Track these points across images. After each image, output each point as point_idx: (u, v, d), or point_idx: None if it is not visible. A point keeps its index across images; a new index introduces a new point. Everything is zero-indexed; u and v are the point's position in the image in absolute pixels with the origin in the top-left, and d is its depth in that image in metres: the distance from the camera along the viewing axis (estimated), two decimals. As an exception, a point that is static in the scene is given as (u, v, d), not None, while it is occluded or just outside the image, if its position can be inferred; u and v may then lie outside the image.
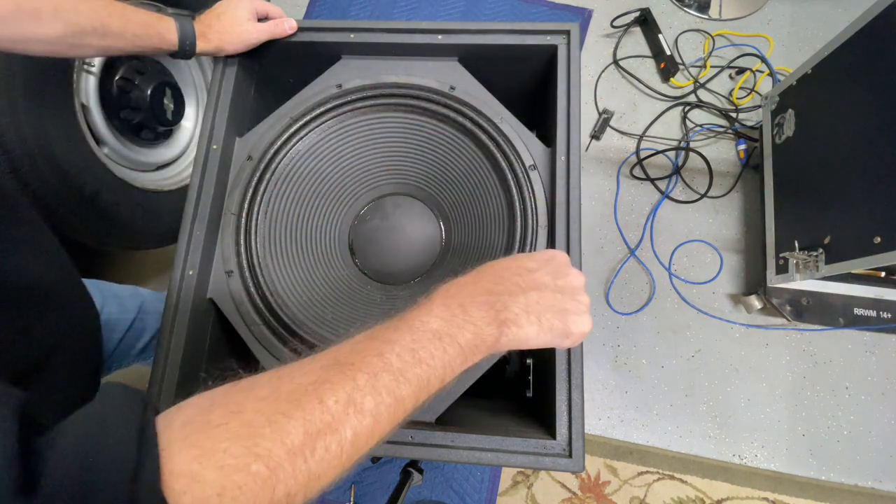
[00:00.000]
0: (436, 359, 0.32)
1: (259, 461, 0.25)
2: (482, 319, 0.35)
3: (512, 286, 0.38)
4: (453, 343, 0.34)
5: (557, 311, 0.38)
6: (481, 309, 0.36)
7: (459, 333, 0.34)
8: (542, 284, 0.39)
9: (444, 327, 0.34)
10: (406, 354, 0.32)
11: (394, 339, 0.33)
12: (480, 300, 0.36)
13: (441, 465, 1.06)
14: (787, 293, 1.05)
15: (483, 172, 0.64)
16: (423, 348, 0.32)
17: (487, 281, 0.38)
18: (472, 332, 0.35)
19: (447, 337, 0.34)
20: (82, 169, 0.85)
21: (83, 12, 0.50)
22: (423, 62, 0.66)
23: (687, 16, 1.38)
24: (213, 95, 0.64)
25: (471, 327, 0.35)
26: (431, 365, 0.32)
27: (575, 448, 0.49)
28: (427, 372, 0.32)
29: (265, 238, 0.62)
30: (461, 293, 0.37)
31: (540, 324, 0.37)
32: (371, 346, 0.32)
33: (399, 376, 0.31)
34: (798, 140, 1.01)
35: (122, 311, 0.70)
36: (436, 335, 0.33)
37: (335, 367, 0.30)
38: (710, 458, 1.04)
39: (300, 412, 0.27)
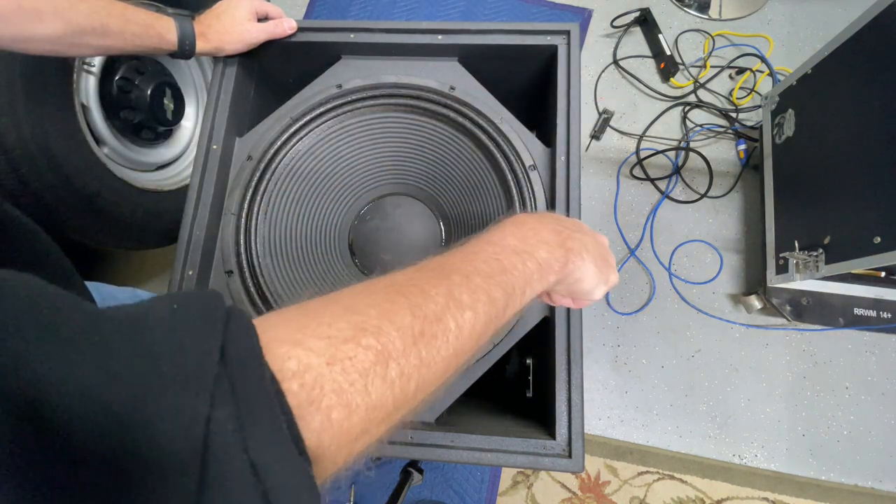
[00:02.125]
0: (518, 269, 0.33)
1: (368, 335, 0.23)
2: (553, 241, 0.37)
3: (570, 226, 0.40)
4: (531, 258, 0.35)
5: (603, 259, 0.41)
6: (551, 234, 0.38)
7: (535, 251, 0.35)
8: (588, 239, 0.41)
9: (521, 245, 0.35)
10: (492, 262, 0.33)
11: (476, 250, 0.34)
12: (550, 228, 0.38)
13: (441, 465, 1.06)
14: (787, 293, 1.05)
15: (483, 172, 0.64)
16: (506, 258, 0.33)
17: (549, 220, 0.40)
18: (547, 251, 0.36)
19: (525, 252, 0.35)
20: (82, 169, 0.85)
21: (83, 12, 0.50)
22: (423, 62, 0.66)
23: (687, 16, 1.38)
24: (213, 95, 0.64)
25: (545, 246, 0.36)
26: (515, 274, 0.33)
27: (575, 448, 0.49)
28: (512, 280, 0.33)
29: (265, 238, 0.62)
30: (528, 220, 0.38)
31: (595, 264, 0.39)
32: (456, 257, 0.33)
33: (489, 279, 0.31)
34: (798, 140, 1.01)
35: None
36: (514, 250, 0.34)
37: (428, 270, 0.31)
38: (710, 458, 1.04)
39: (404, 299, 0.27)
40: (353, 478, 1.06)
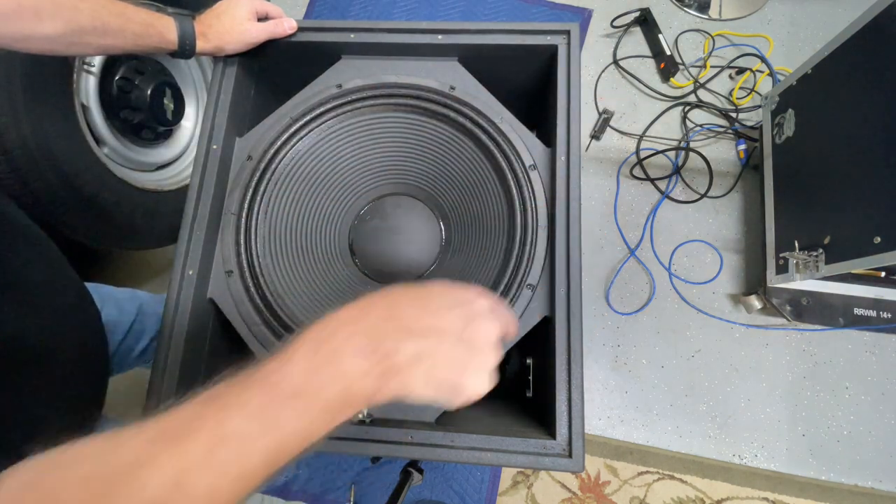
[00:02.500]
0: (292, 421, 0.28)
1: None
2: (357, 370, 0.29)
3: (409, 323, 0.32)
4: (316, 401, 0.28)
5: (454, 366, 0.32)
6: (359, 356, 0.30)
7: (326, 389, 0.29)
8: (446, 329, 0.32)
9: (306, 382, 0.28)
10: (254, 422, 0.27)
11: (243, 400, 0.27)
12: (361, 344, 0.30)
13: (441, 465, 1.06)
14: (787, 293, 1.05)
15: (483, 172, 0.64)
16: (277, 411, 0.27)
17: (379, 313, 0.32)
18: (343, 387, 0.29)
19: (308, 395, 0.28)
20: (82, 169, 0.85)
21: (83, 11, 0.50)
22: (423, 62, 0.66)
23: (687, 16, 1.38)
24: (213, 95, 0.64)
25: (341, 381, 0.29)
26: (287, 430, 0.27)
27: (575, 448, 0.49)
28: (280, 441, 0.27)
29: (265, 238, 0.62)
30: (339, 333, 0.31)
31: (428, 378, 0.31)
32: (212, 414, 0.27)
33: (243, 448, 0.26)
34: (798, 140, 1.01)
35: (120, 314, 0.70)
36: (294, 394, 0.28)
37: (163, 441, 0.25)
38: (710, 458, 1.04)
39: (118, 499, 0.24)
40: (353, 478, 1.06)
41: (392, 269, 0.69)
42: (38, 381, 0.46)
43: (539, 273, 0.57)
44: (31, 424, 0.45)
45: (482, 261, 0.62)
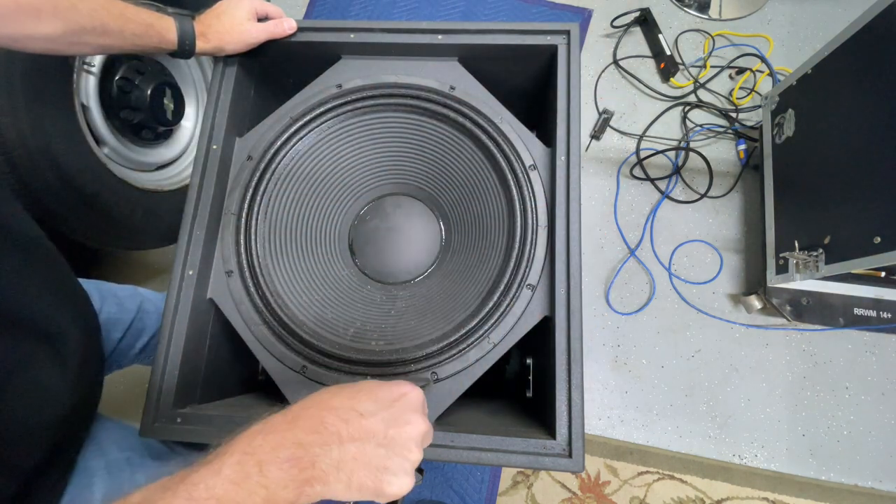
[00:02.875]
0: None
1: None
2: (279, 481, 0.31)
3: (331, 435, 0.34)
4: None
5: (374, 469, 0.34)
6: (282, 468, 0.31)
7: (249, 500, 0.30)
8: (368, 434, 0.34)
9: (231, 494, 0.30)
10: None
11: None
12: (284, 456, 0.32)
13: (441, 465, 1.06)
14: (787, 293, 1.05)
15: (483, 172, 0.64)
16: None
17: (304, 427, 0.34)
18: (263, 498, 0.31)
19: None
20: (82, 169, 0.85)
21: (83, 11, 0.50)
22: (423, 62, 0.66)
23: (687, 16, 1.38)
24: (213, 95, 0.64)
25: (262, 492, 0.31)
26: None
27: (575, 448, 0.49)
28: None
29: (265, 238, 0.62)
30: (264, 445, 0.32)
31: (349, 482, 0.33)
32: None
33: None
34: (798, 140, 1.01)
35: (120, 311, 0.70)
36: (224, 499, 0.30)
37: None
38: (710, 458, 1.04)
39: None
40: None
41: (392, 269, 0.69)
42: (40, 343, 0.46)
43: (539, 273, 0.57)
44: (43, 394, 0.45)
45: (482, 261, 0.62)
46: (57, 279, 0.53)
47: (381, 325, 0.61)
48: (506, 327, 0.55)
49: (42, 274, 0.51)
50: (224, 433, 0.33)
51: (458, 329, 0.55)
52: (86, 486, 0.50)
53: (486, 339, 0.55)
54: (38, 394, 0.45)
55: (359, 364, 0.56)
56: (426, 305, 0.62)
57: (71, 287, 0.56)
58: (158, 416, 0.54)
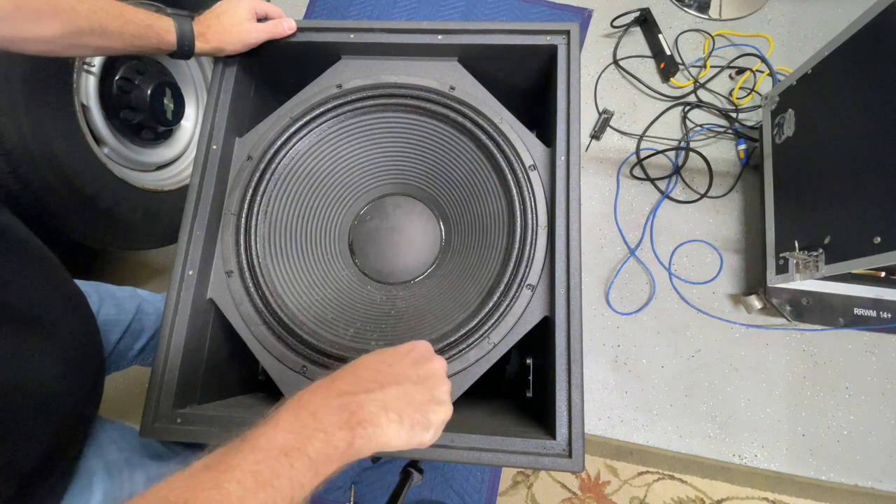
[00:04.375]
0: (282, 477, 0.30)
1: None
2: (334, 425, 0.33)
3: (370, 383, 0.37)
4: (301, 457, 0.31)
5: (419, 404, 0.37)
6: (334, 413, 0.34)
7: (309, 444, 0.32)
8: (402, 377, 0.38)
9: (292, 440, 0.32)
10: (248, 479, 0.29)
11: (234, 463, 0.30)
12: (334, 404, 0.34)
13: (441, 465, 1.06)
14: (787, 293, 1.05)
15: (483, 172, 0.64)
16: (268, 468, 0.30)
17: (343, 382, 0.37)
18: (323, 441, 0.32)
19: (295, 451, 0.31)
20: (82, 169, 0.85)
21: (82, 13, 0.50)
22: (423, 62, 0.66)
23: (687, 16, 1.38)
24: (213, 95, 0.64)
25: (321, 435, 0.32)
26: (277, 486, 0.30)
27: (575, 448, 0.49)
28: (272, 494, 0.30)
29: (265, 238, 0.62)
30: (314, 399, 0.35)
31: (401, 421, 0.36)
32: (207, 479, 0.29)
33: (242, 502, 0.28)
34: (798, 140, 1.01)
35: (119, 312, 0.70)
36: (282, 451, 0.31)
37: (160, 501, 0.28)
38: (710, 458, 1.04)
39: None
40: (353, 478, 1.06)
41: (392, 269, 0.69)
42: (39, 345, 0.46)
43: (539, 273, 0.57)
44: (42, 396, 0.45)
45: (482, 261, 0.62)
46: (53, 281, 0.53)
47: (381, 326, 0.61)
48: (506, 327, 0.55)
49: (38, 276, 0.51)
50: (224, 433, 0.34)
51: (458, 329, 0.55)
52: (85, 487, 0.50)
53: (486, 340, 0.55)
54: (37, 396, 0.45)
55: (359, 364, 0.56)
56: (426, 305, 0.62)
57: (68, 289, 0.56)
58: (158, 416, 0.54)
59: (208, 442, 0.33)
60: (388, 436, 0.35)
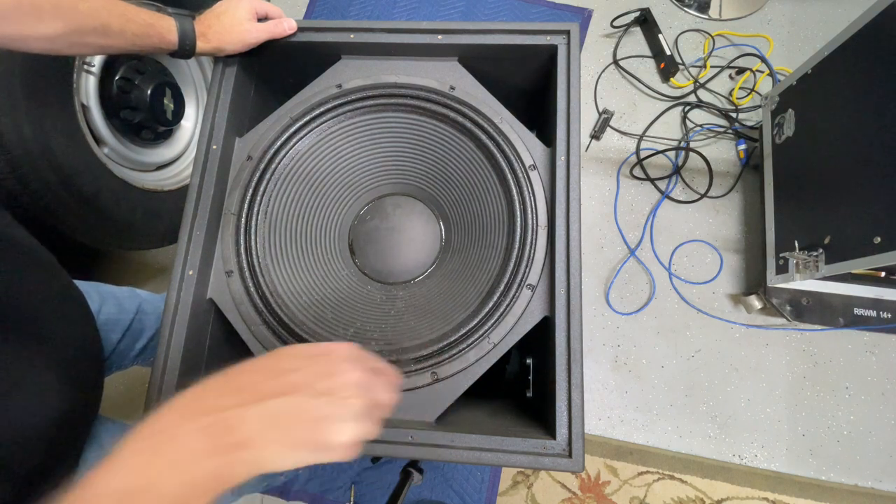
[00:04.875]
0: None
1: None
2: (197, 452, 0.27)
3: (250, 394, 0.30)
4: (154, 498, 0.26)
5: (311, 421, 0.30)
6: (197, 437, 0.27)
7: (164, 480, 0.26)
8: (298, 387, 0.30)
9: (137, 480, 0.26)
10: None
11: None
12: (198, 425, 0.28)
13: (441, 465, 1.06)
14: (787, 293, 1.05)
15: (483, 172, 0.64)
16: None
17: (215, 392, 0.30)
18: (183, 472, 0.26)
19: (141, 493, 0.25)
20: (82, 169, 0.85)
21: (83, 11, 0.50)
22: (423, 62, 0.66)
23: (687, 16, 1.38)
24: (213, 95, 0.64)
25: (182, 466, 0.27)
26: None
27: (575, 448, 0.49)
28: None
29: (265, 238, 0.62)
30: (172, 420, 0.28)
31: (284, 440, 0.29)
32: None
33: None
34: (798, 140, 1.01)
35: (120, 312, 0.70)
36: (124, 495, 0.25)
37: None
38: (710, 458, 1.04)
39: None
40: (353, 478, 1.06)
41: (392, 269, 0.69)
42: (39, 352, 0.46)
43: (539, 273, 0.57)
44: (39, 396, 0.45)
45: (482, 261, 0.62)
46: (54, 286, 0.53)
47: (381, 325, 0.61)
48: (506, 327, 0.55)
49: (39, 281, 0.51)
50: None
51: (457, 329, 0.55)
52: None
53: (486, 340, 0.55)
54: (34, 398, 0.45)
55: (359, 364, 0.56)
56: (426, 305, 0.62)
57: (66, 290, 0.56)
58: (158, 416, 0.54)
59: None
60: (270, 459, 0.29)
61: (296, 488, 1.05)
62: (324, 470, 1.06)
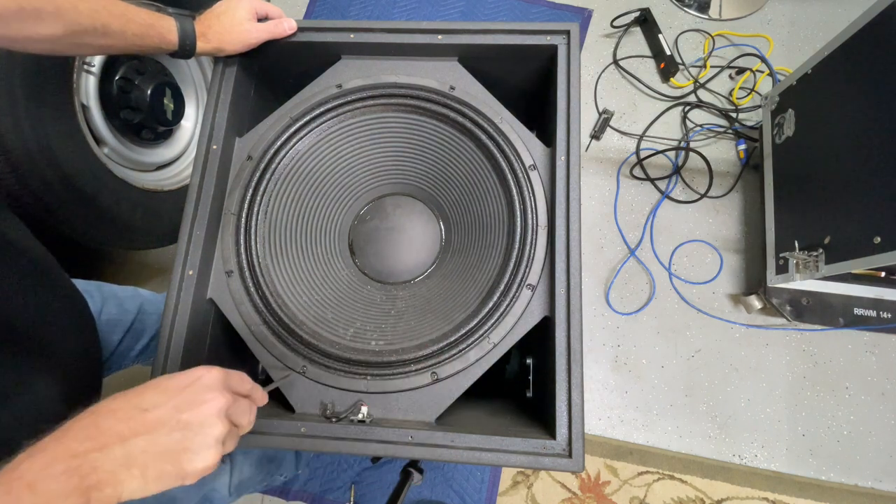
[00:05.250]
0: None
1: None
2: (60, 494, 0.29)
3: (109, 437, 0.32)
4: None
5: (171, 454, 0.33)
6: (58, 480, 0.29)
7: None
8: (156, 424, 0.33)
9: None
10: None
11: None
12: (59, 470, 0.29)
13: (441, 465, 1.06)
14: (787, 293, 1.05)
15: (483, 172, 0.64)
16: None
17: (76, 437, 0.32)
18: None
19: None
20: (82, 169, 0.85)
21: (84, 12, 0.50)
22: (423, 62, 0.66)
23: (687, 16, 1.38)
24: (213, 95, 0.64)
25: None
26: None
27: (575, 448, 0.49)
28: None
29: (265, 238, 0.62)
30: (33, 467, 0.29)
31: (145, 476, 0.32)
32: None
33: None
34: (798, 140, 1.01)
35: (121, 312, 0.70)
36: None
37: None
38: (710, 458, 1.04)
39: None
40: (353, 478, 1.06)
41: (392, 269, 0.69)
42: (32, 359, 0.46)
43: (539, 273, 0.57)
44: (34, 404, 0.44)
45: (482, 261, 0.62)
46: (49, 287, 0.53)
47: (381, 325, 0.61)
48: (506, 327, 0.55)
49: (39, 287, 0.50)
50: None
51: (458, 329, 0.55)
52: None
53: (486, 339, 0.55)
54: (29, 407, 0.45)
55: (358, 364, 0.56)
56: (426, 305, 0.62)
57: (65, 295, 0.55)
58: (158, 416, 0.54)
59: None
60: (129, 491, 0.32)
61: (296, 488, 1.05)
62: (324, 470, 1.06)
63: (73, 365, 0.51)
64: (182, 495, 0.61)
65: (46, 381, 0.46)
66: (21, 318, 0.46)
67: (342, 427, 0.52)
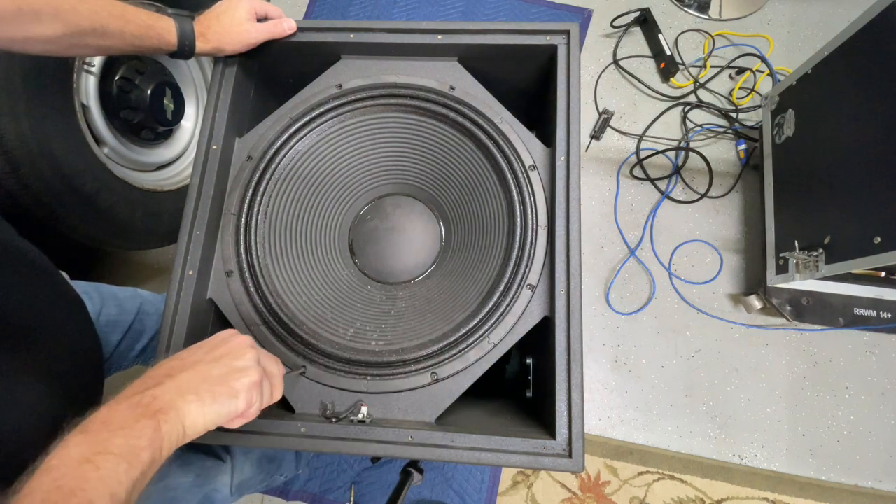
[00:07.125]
0: (90, 480, 0.30)
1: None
2: (130, 419, 0.33)
3: (159, 378, 0.37)
4: (105, 456, 0.31)
5: (217, 378, 0.38)
6: (126, 413, 0.34)
7: (110, 444, 0.32)
8: (194, 363, 0.39)
9: (88, 450, 0.31)
10: (53, 496, 0.29)
11: (33, 487, 0.29)
12: (124, 406, 0.34)
13: (441, 465, 1.06)
14: (787, 293, 1.05)
15: (483, 172, 0.64)
16: (72, 478, 0.30)
17: (129, 389, 0.37)
18: (124, 436, 0.32)
19: (95, 456, 0.31)
20: (82, 169, 0.85)
21: (83, 13, 0.50)
22: (423, 62, 0.66)
23: (687, 16, 1.38)
24: (213, 95, 0.64)
25: (120, 432, 0.32)
26: (88, 488, 0.30)
27: (575, 448, 0.49)
28: (84, 497, 0.29)
29: (265, 238, 0.62)
30: (100, 413, 0.34)
31: (201, 399, 0.37)
32: None
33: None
34: (798, 140, 1.01)
35: (121, 313, 0.70)
36: (81, 460, 0.30)
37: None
38: (710, 458, 1.04)
39: None
40: (353, 478, 1.06)
41: (392, 269, 0.69)
42: (25, 361, 0.46)
43: (539, 273, 0.57)
44: (28, 407, 0.45)
45: (482, 261, 0.62)
46: (44, 289, 0.53)
47: (381, 325, 0.61)
48: (506, 327, 0.55)
49: (37, 290, 0.50)
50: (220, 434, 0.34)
51: (458, 329, 0.55)
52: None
53: (486, 339, 0.55)
54: (25, 411, 0.44)
55: (358, 364, 0.56)
56: (426, 305, 0.62)
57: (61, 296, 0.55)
58: (158, 416, 0.54)
59: (208, 442, 0.33)
60: (192, 415, 0.36)
61: (296, 488, 1.05)
62: (324, 470, 1.06)
63: (73, 366, 0.51)
64: (183, 495, 0.61)
65: (38, 382, 0.46)
66: (19, 319, 0.45)
67: (342, 427, 0.52)
